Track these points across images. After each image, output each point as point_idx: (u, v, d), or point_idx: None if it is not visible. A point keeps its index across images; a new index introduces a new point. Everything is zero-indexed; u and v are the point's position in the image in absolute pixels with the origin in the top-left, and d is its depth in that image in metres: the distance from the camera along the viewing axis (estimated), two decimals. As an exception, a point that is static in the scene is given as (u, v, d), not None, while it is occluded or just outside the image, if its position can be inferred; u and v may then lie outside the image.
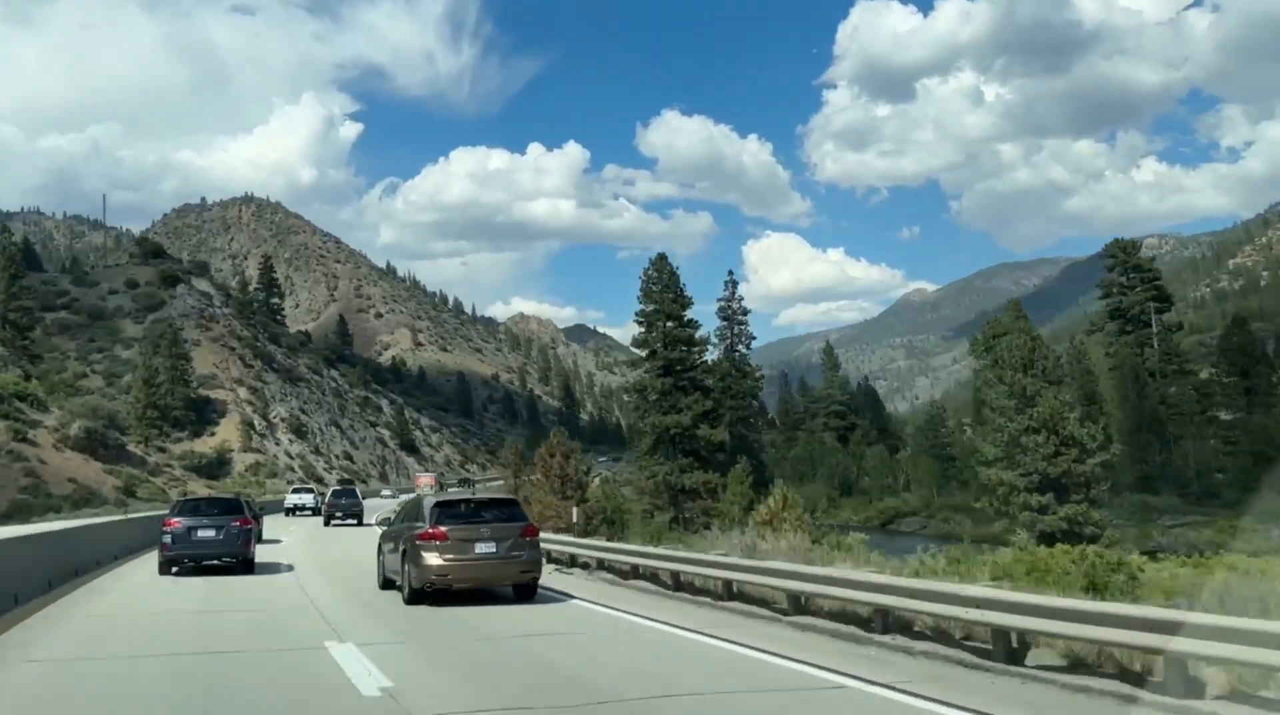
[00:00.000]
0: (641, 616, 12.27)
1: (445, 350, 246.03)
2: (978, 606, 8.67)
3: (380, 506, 51.84)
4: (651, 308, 56.03)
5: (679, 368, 55.08)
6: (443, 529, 13.23)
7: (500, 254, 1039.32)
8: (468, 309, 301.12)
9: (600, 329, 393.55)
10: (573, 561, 19.15)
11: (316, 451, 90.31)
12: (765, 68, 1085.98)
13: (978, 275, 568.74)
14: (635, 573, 16.40)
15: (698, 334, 56.18)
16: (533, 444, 59.78)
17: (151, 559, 19.86)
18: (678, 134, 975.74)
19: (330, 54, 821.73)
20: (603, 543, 20.51)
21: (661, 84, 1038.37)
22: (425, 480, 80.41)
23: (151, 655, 9.82)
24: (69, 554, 17.94)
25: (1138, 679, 7.60)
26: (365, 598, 14.70)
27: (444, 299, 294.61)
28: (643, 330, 56.24)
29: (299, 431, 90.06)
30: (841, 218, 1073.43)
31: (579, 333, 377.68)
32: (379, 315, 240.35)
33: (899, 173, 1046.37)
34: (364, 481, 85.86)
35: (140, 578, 18.51)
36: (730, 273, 60.66)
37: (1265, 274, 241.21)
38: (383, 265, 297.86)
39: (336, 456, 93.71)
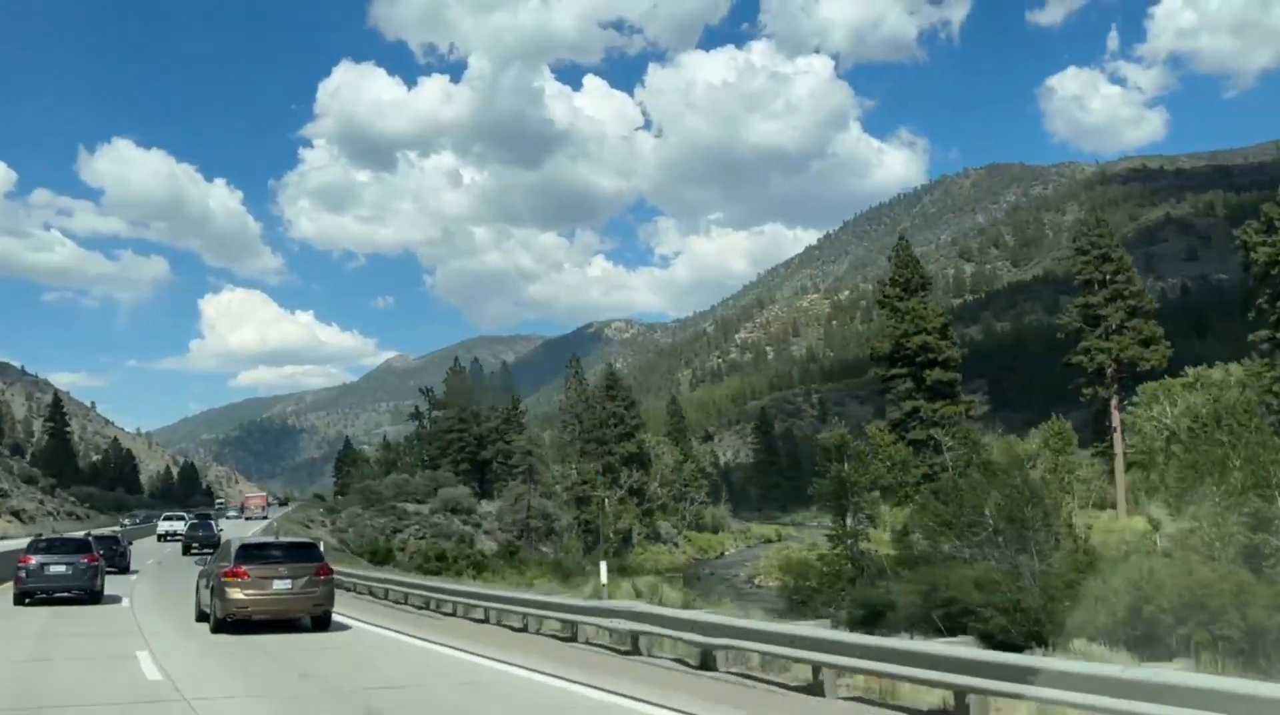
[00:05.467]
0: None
1: None
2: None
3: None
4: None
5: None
6: (244, 568, 15.23)
7: None
8: None
9: (30, 370, 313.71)
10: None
11: None
12: (240, 112, 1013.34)
13: (460, 346, 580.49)
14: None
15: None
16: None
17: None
18: (131, 166, 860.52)
19: None
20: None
21: (114, 109, 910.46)
22: (256, 501, 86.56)
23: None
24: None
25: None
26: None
27: None
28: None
29: None
30: (315, 279, 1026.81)
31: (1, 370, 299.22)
32: None
33: (378, 241, 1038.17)
34: None
35: None
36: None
37: (769, 348, 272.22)
38: None
39: None
